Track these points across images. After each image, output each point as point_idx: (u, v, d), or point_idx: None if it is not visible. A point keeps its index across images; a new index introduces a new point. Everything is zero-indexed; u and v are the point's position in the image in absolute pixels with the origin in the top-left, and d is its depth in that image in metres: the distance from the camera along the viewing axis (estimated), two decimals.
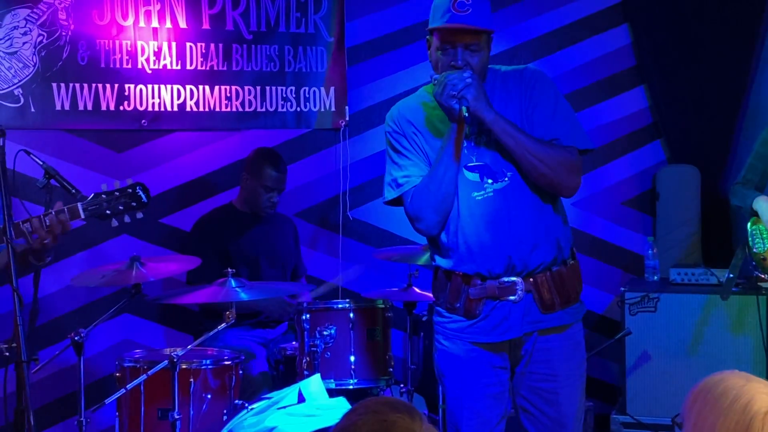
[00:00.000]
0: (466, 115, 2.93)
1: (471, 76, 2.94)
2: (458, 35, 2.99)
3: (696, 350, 4.96)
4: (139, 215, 3.29)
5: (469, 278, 3.08)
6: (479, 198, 3.05)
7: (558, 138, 3.06)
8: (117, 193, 3.26)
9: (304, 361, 4.09)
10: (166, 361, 3.64)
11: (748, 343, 4.89)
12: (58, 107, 4.68)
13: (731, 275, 4.65)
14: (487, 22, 3.02)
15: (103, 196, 3.25)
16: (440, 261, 3.17)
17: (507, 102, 3.08)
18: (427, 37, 3.10)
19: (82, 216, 3.21)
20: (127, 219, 3.28)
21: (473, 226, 3.05)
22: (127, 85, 4.81)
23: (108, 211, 3.24)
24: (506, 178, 3.05)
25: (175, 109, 4.92)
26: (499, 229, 3.03)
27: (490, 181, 3.05)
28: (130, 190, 3.28)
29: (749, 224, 4.50)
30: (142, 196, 3.28)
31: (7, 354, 2.79)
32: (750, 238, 4.49)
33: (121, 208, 3.26)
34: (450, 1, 2.98)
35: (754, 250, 4.49)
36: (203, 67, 4.98)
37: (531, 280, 3.06)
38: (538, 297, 3.07)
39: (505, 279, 3.05)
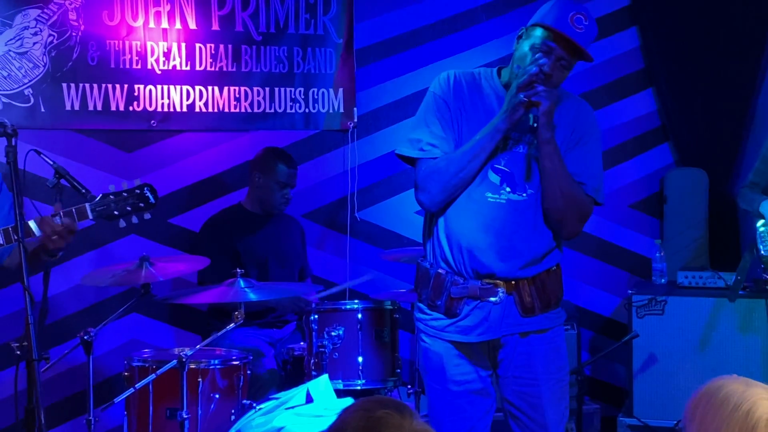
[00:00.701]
0: (532, 124, 2.94)
1: (555, 94, 2.94)
2: (562, 45, 2.97)
3: (703, 353, 4.96)
4: (147, 216, 3.31)
5: (453, 272, 3.08)
6: (491, 200, 3.05)
7: (585, 184, 3.09)
8: (125, 194, 3.28)
9: (312, 361, 4.11)
10: (174, 361, 3.66)
11: (756, 346, 4.89)
12: (68, 107, 4.70)
13: (739, 277, 4.66)
14: (589, 49, 3.02)
15: (111, 196, 3.26)
16: (427, 247, 3.16)
17: (556, 125, 3.05)
18: (527, 27, 3.05)
19: (90, 216, 3.23)
20: (134, 220, 3.30)
21: (473, 223, 3.05)
22: (136, 86, 4.83)
23: (116, 212, 3.26)
24: (525, 194, 3.05)
25: (185, 109, 4.94)
26: (495, 236, 3.03)
27: (508, 189, 3.05)
28: (138, 191, 3.29)
29: (758, 226, 4.50)
30: (150, 196, 3.30)
31: (18, 352, 2.81)
32: (758, 241, 4.50)
33: (129, 208, 3.27)
34: (571, 12, 2.97)
35: (762, 252, 4.50)
36: (212, 68, 4.99)
37: (513, 283, 3.07)
38: (519, 300, 3.08)
39: (487, 281, 3.06)
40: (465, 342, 3.11)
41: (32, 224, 3.13)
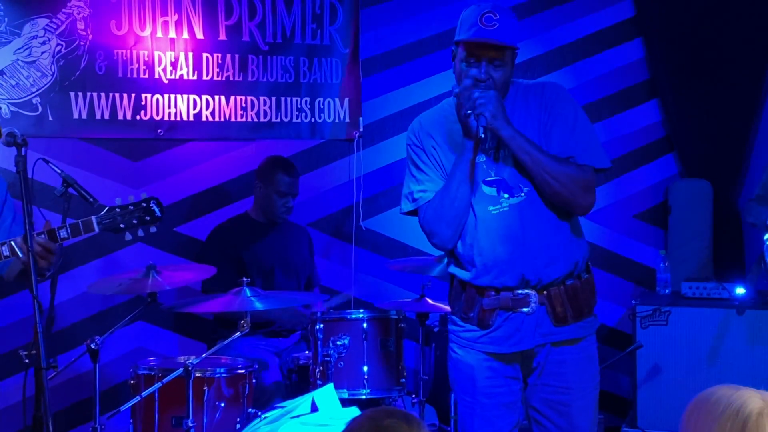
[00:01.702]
0: (482, 135, 2.97)
1: (491, 94, 2.97)
2: (483, 49, 3.01)
3: (707, 364, 4.95)
4: (153, 229, 3.33)
5: (483, 290, 3.11)
6: (495, 212, 3.07)
7: (574, 156, 3.08)
8: (131, 207, 3.29)
9: (317, 370, 4.11)
10: (180, 369, 3.67)
11: (761, 357, 4.89)
12: (76, 116, 4.73)
13: (750, 284, 4.67)
14: (512, 38, 3.04)
15: (117, 209, 3.28)
16: (455, 271, 3.19)
17: (526, 116, 3.11)
18: (453, 48, 3.12)
19: (97, 230, 3.26)
20: (140, 233, 3.32)
21: (488, 239, 3.07)
22: (143, 95, 4.85)
23: (122, 225, 3.28)
24: (522, 194, 3.07)
25: (191, 118, 4.96)
26: (513, 243, 3.05)
27: (506, 195, 3.07)
28: (144, 204, 3.31)
29: (766, 239, 4.51)
30: (156, 210, 3.31)
31: (27, 360, 2.83)
32: (766, 254, 4.50)
33: (135, 222, 3.29)
34: (478, 15, 3.00)
35: None
36: (219, 78, 5.02)
37: (545, 293, 3.08)
38: (551, 310, 3.09)
39: (519, 291, 3.07)
40: (498, 353, 3.12)
41: (13, 245, 3.15)
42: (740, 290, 4.98)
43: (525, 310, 3.08)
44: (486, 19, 2.99)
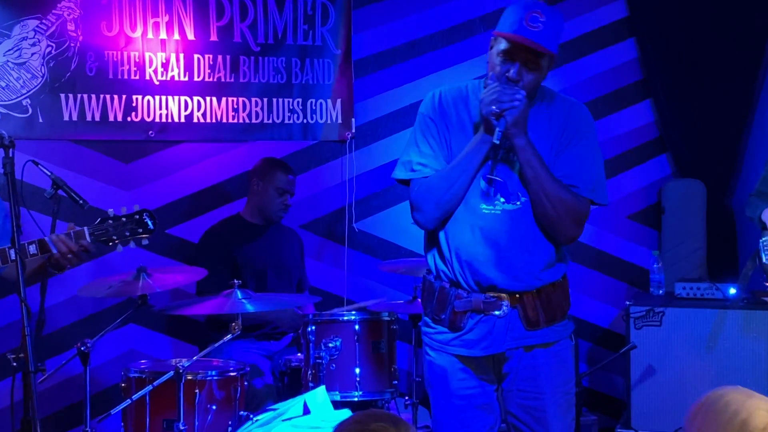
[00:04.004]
0: (497, 142, 2.90)
1: (521, 99, 2.91)
2: (521, 49, 2.94)
3: (701, 365, 4.95)
4: (145, 242, 3.31)
5: (455, 285, 3.07)
6: (486, 212, 3.04)
7: (577, 186, 3.04)
8: (124, 219, 3.27)
9: (309, 372, 4.10)
10: (171, 372, 3.65)
11: (754, 357, 4.88)
12: (66, 118, 4.71)
13: (742, 283, 4.67)
14: (552, 45, 2.98)
15: (110, 221, 3.26)
16: (432, 259, 3.15)
17: (545, 129, 3.05)
18: (492, 36, 3.04)
19: (89, 240, 3.24)
20: (132, 245, 3.30)
21: (471, 236, 3.03)
22: (134, 96, 4.84)
23: (114, 237, 3.26)
24: (518, 203, 3.03)
25: (183, 120, 4.94)
26: (494, 247, 3.02)
27: (502, 199, 3.03)
28: (137, 217, 3.29)
29: (763, 239, 4.51)
30: (149, 222, 3.29)
31: (15, 364, 2.81)
32: (761, 250, 4.49)
33: (127, 233, 3.27)
34: (525, 12, 2.93)
35: (765, 261, 4.50)
36: (211, 79, 5.00)
37: (517, 296, 3.05)
38: (523, 314, 3.06)
39: (491, 294, 3.04)
40: (469, 356, 3.10)
41: (48, 241, 3.13)
42: (733, 290, 4.98)
43: (497, 313, 3.04)
44: (531, 19, 2.91)
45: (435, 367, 3.18)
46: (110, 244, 3.26)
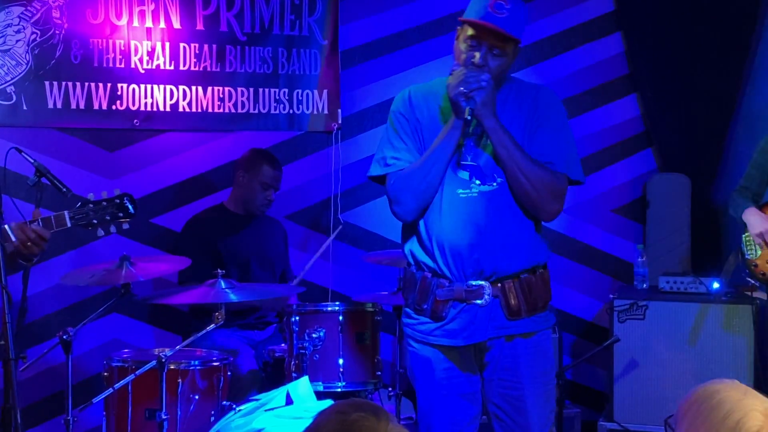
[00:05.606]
0: (469, 117, 2.96)
1: (487, 80, 2.96)
2: (487, 34, 3.00)
3: (684, 358, 4.97)
4: (126, 226, 3.30)
5: (438, 275, 3.08)
6: (463, 196, 3.06)
7: (552, 162, 3.08)
8: (104, 203, 3.27)
9: (292, 363, 4.10)
10: (154, 361, 3.65)
11: (737, 351, 4.91)
12: (51, 105, 4.68)
13: (725, 278, 4.70)
14: (517, 31, 3.02)
15: (90, 205, 3.25)
16: (412, 249, 3.16)
17: (516, 113, 3.10)
18: (458, 26, 3.10)
19: (69, 225, 3.23)
20: (112, 229, 3.29)
21: (450, 222, 3.05)
22: (119, 85, 4.81)
23: (95, 221, 3.26)
24: (495, 184, 3.06)
25: (168, 109, 4.92)
26: (474, 230, 3.04)
27: (478, 182, 3.07)
28: (118, 201, 3.28)
29: (745, 235, 4.54)
30: (129, 206, 3.29)
31: None
32: (743, 246, 4.53)
33: (107, 217, 3.27)
34: (490, 0, 2.99)
35: (747, 256, 4.53)
36: (196, 68, 4.97)
37: (499, 285, 3.07)
38: (504, 302, 3.08)
39: (473, 282, 3.06)
40: (452, 346, 3.11)
41: (8, 229, 3.12)
42: (716, 285, 5.00)
43: (479, 302, 3.06)
44: (497, 6, 2.98)
45: (418, 358, 3.19)
46: (90, 228, 3.25)
